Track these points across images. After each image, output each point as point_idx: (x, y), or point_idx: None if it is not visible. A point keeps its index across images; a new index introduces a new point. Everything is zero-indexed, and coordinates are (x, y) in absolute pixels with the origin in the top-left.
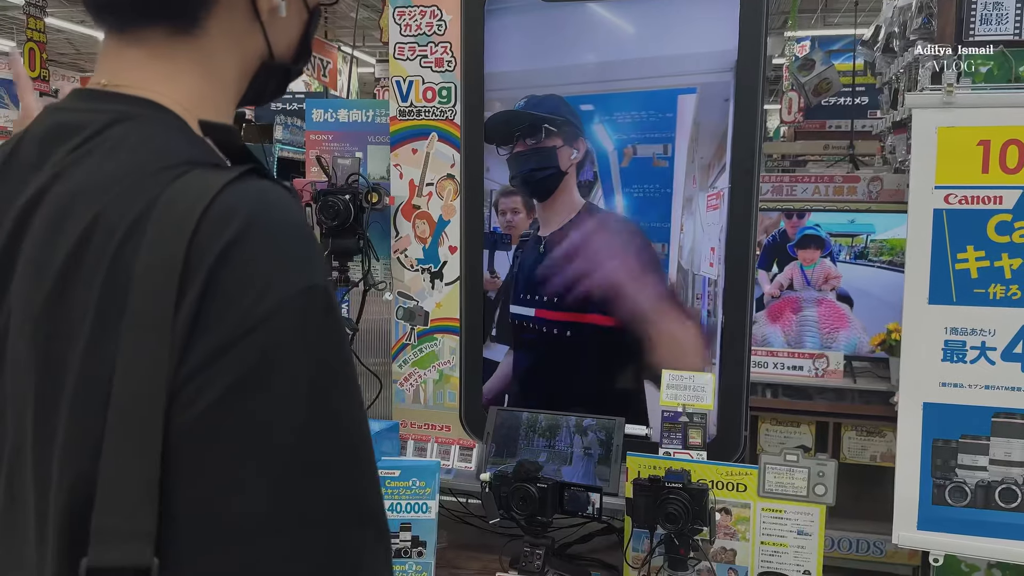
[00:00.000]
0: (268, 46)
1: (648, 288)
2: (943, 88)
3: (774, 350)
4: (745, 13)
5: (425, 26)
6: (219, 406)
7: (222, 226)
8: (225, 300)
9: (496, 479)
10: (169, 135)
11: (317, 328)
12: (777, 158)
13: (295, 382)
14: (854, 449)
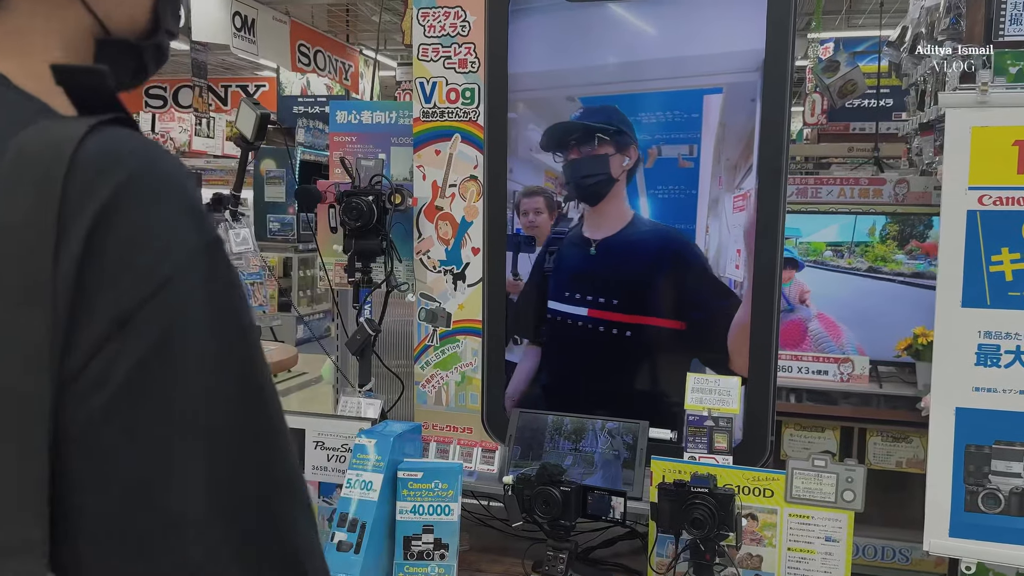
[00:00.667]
0: (97, 19)
1: (706, 297)
2: (977, 87)
3: (798, 354)
4: (773, 12)
5: (449, 27)
6: (128, 387)
7: (98, 178)
8: (115, 264)
9: (519, 482)
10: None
11: (224, 287)
12: (800, 160)
13: (211, 350)
14: (879, 455)
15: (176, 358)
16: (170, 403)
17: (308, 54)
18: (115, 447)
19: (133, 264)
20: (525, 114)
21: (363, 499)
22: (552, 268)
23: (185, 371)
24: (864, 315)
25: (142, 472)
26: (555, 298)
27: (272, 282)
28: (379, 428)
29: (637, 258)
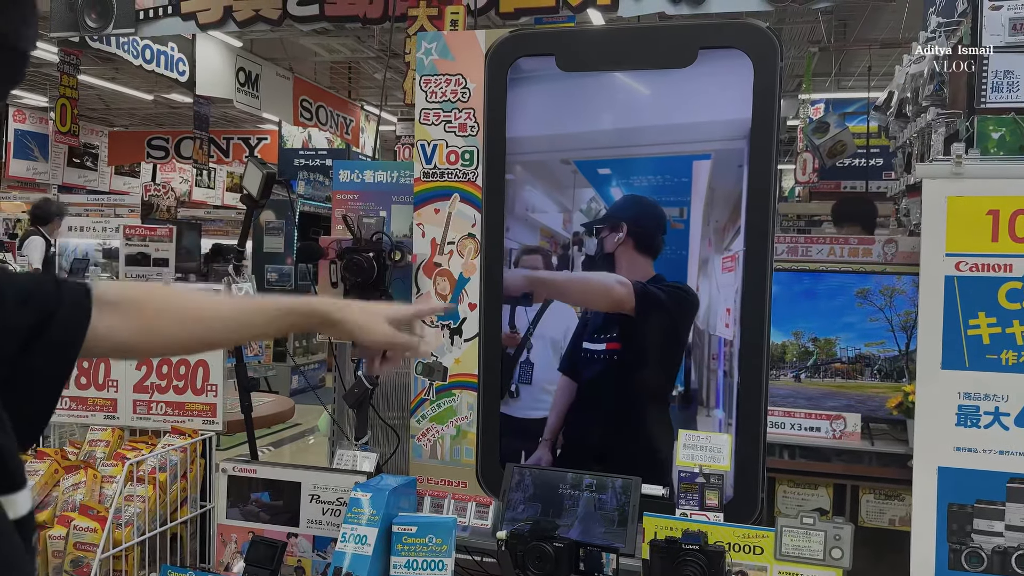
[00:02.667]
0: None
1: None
2: (952, 159)
3: (791, 410)
4: (759, 82)
5: (450, 93)
6: None
7: None
8: None
9: (512, 537)
10: None
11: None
12: (792, 218)
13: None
14: (872, 512)
15: None
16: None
17: (310, 109)
18: None
19: None
20: (522, 176)
21: (357, 553)
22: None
23: None
24: None
25: None
26: (589, 340)
27: None
28: (374, 482)
29: (660, 309)
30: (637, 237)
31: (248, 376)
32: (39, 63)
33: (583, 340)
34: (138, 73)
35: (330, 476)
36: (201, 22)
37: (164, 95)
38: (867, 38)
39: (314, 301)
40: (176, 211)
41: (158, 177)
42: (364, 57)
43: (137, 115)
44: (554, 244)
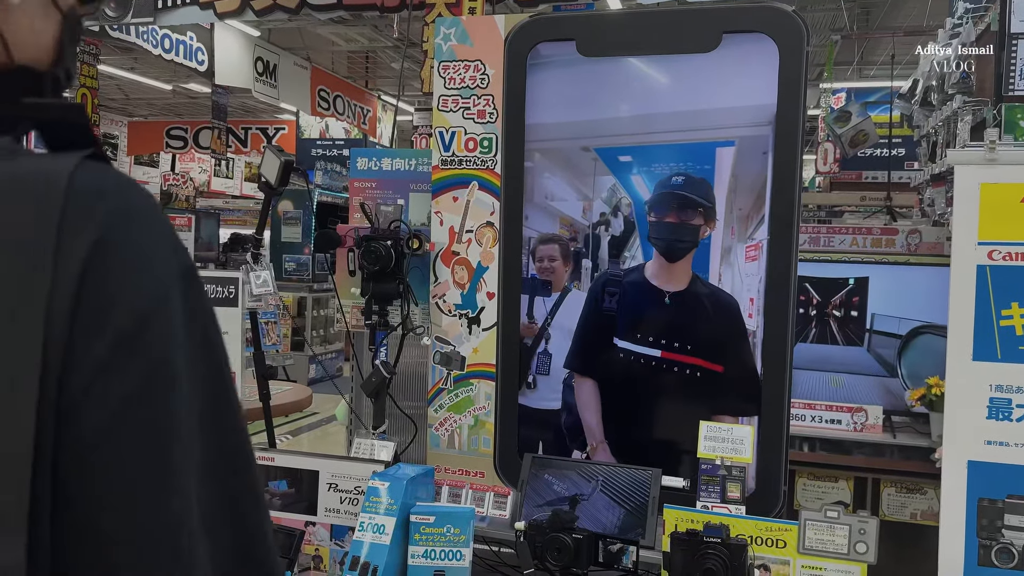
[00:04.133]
0: (4, 44)
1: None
2: (985, 145)
3: (811, 403)
4: (784, 67)
5: (469, 80)
6: (128, 408)
7: (89, 212)
8: (109, 293)
9: (531, 528)
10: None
11: (202, 310)
12: (813, 208)
13: (197, 371)
14: (893, 506)
15: (164, 382)
16: (162, 423)
17: (328, 99)
18: (114, 464)
19: (126, 292)
20: (541, 163)
21: (375, 543)
22: (614, 309)
23: (172, 393)
24: None
25: (138, 484)
26: (624, 337)
27: (286, 321)
28: (392, 471)
29: (708, 313)
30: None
31: (266, 364)
32: None
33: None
34: (157, 63)
35: (348, 465)
36: (219, 11)
37: (183, 85)
38: (891, 26)
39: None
40: (195, 201)
41: (177, 167)
42: (382, 46)
43: (156, 105)
44: (572, 232)
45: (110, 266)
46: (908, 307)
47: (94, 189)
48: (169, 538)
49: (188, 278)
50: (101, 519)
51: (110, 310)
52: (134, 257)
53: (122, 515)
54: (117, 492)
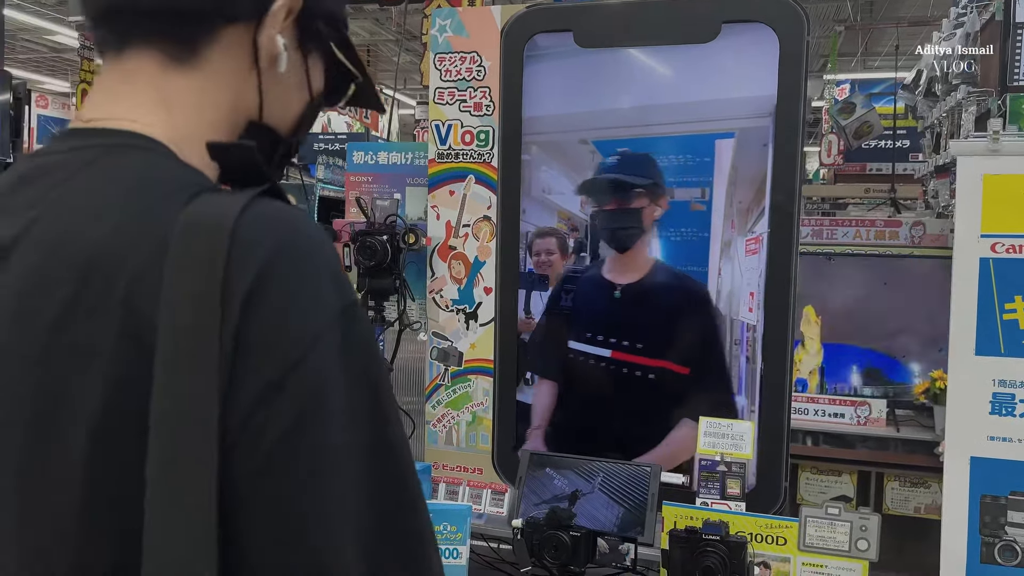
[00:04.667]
0: (260, 102)
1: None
2: (988, 135)
3: (814, 396)
4: (785, 58)
5: (465, 71)
6: (284, 444)
7: (250, 253)
8: (267, 332)
9: (528, 526)
10: (162, 164)
11: (360, 345)
12: (817, 200)
13: (354, 406)
14: (897, 500)
15: (321, 417)
16: (318, 458)
17: None
18: (271, 499)
19: (284, 330)
20: (539, 156)
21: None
22: (570, 307)
23: (329, 429)
24: None
25: (295, 519)
26: (576, 338)
27: None
28: None
29: (661, 307)
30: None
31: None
32: (61, 48)
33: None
34: None
35: None
36: None
37: None
38: (894, 16)
39: None
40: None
41: None
42: (383, 40)
43: None
44: (571, 226)
45: (268, 304)
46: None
47: (259, 228)
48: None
49: (348, 315)
50: (252, 555)
51: (267, 348)
52: (290, 294)
53: (273, 550)
54: (268, 528)
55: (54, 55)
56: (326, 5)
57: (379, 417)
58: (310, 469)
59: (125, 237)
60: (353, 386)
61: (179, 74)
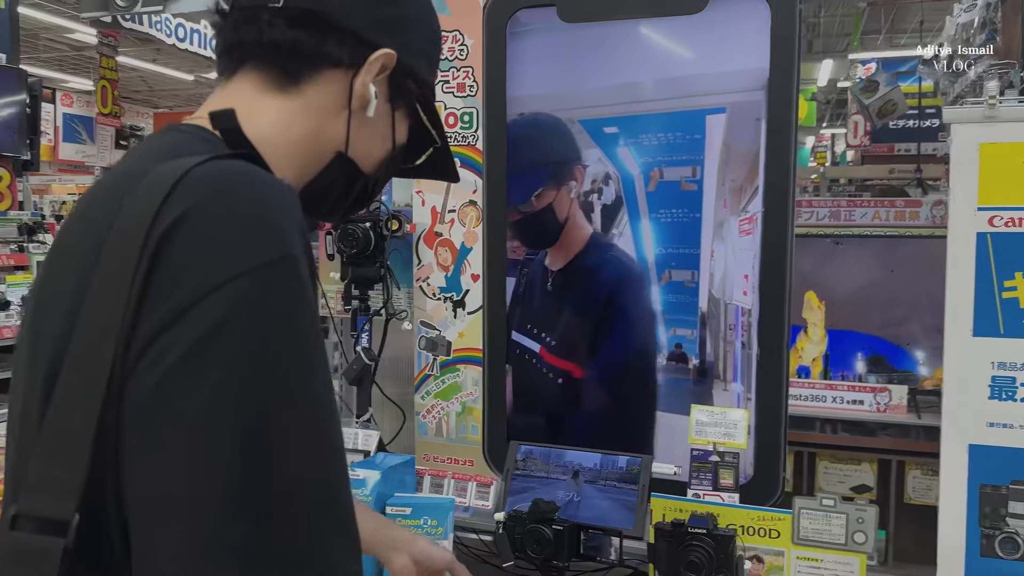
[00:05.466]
0: (347, 138)
1: (640, 335)
2: (984, 101)
3: (833, 383)
4: (777, 27)
5: (447, 51)
6: (177, 369)
7: (185, 194)
8: (182, 263)
9: (510, 519)
10: (190, 143)
11: (283, 301)
12: (844, 182)
13: (257, 351)
14: (919, 489)
15: (220, 353)
16: (211, 393)
17: None
18: (160, 425)
19: (195, 264)
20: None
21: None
22: (522, 295)
23: (228, 367)
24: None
25: (179, 451)
26: (518, 329)
27: None
28: (371, 461)
29: (584, 295)
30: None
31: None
32: (82, 46)
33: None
34: (178, 54)
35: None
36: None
37: (204, 75)
38: None
39: (404, 530)
40: None
41: None
42: None
43: (180, 96)
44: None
45: (185, 238)
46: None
47: (201, 176)
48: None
49: (277, 267)
50: (134, 480)
51: (176, 278)
52: (209, 234)
53: (151, 479)
54: (141, 472)
55: (76, 53)
56: (418, 68)
57: (289, 376)
58: (199, 404)
59: (114, 183)
60: (264, 337)
61: (272, 96)
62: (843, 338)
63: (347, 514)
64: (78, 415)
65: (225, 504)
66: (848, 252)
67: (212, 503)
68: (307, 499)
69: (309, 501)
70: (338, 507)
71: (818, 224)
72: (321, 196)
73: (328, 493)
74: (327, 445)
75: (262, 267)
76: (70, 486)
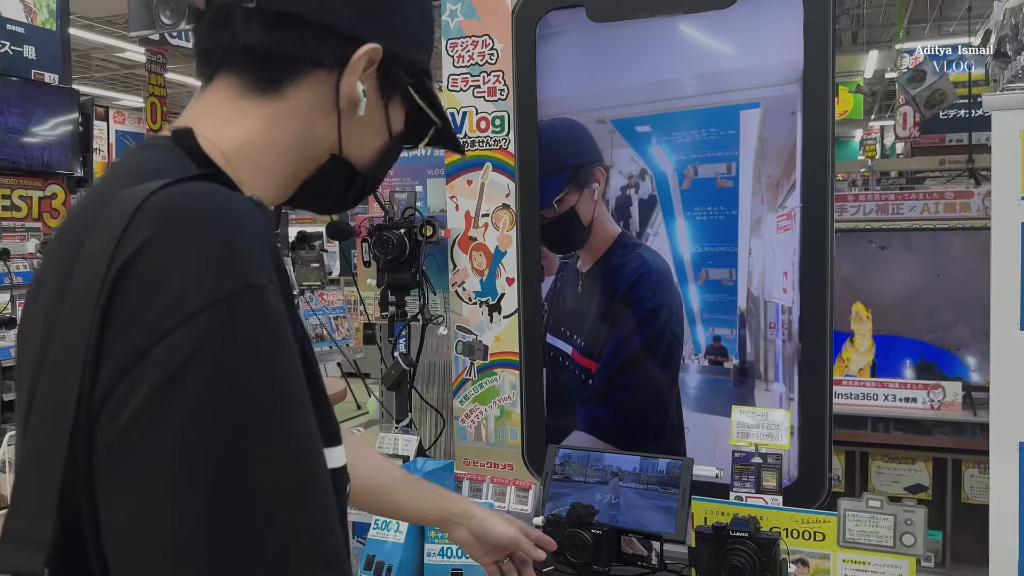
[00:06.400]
0: (339, 139)
1: (670, 333)
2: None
3: (884, 380)
4: (809, 19)
5: (477, 56)
6: (140, 416)
7: (144, 222)
8: (139, 300)
9: (549, 524)
10: (159, 160)
11: (248, 333)
12: (894, 175)
13: (221, 389)
14: (976, 488)
15: (184, 395)
16: (176, 439)
17: None
18: (128, 475)
19: (153, 301)
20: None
21: (390, 541)
22: (555, 298)
23: (192, 412)
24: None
25: (142, 498)
26: (551, 331)
27: (356, 315)
28: (410, 466)
29: (610, 294)
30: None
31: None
32: (132, 64)
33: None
34: None
35: (403, 470)
36: None
37: None
38: None
39: (464, 502)
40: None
41: None
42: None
43: None
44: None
45: (142, 274)
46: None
47: (160, 204)
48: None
49: (242, 297)
50: (106, 526)
51: (135, 316)
52: (166, 268)
53: (122, 525)
54: (117, 502)
55: (127, 72)
56: (407, 56)
57: (259, 414)
58: (162, 448)
59: (83, 211)
60: (230, 377)
61: (253, 102)
62: (890, 344)
63: (331, 553)
64: (44, 468)
65: (201, 554)
66: (893, 256)
67: (187, 554)
68: (288, 540)
69: (290, 543)
70: (320, 547)
71: (865, 219)
72: (320, 196)
73: (309, 533)
74: (306, 480)
75: (224, 299)
76: (38, 541)
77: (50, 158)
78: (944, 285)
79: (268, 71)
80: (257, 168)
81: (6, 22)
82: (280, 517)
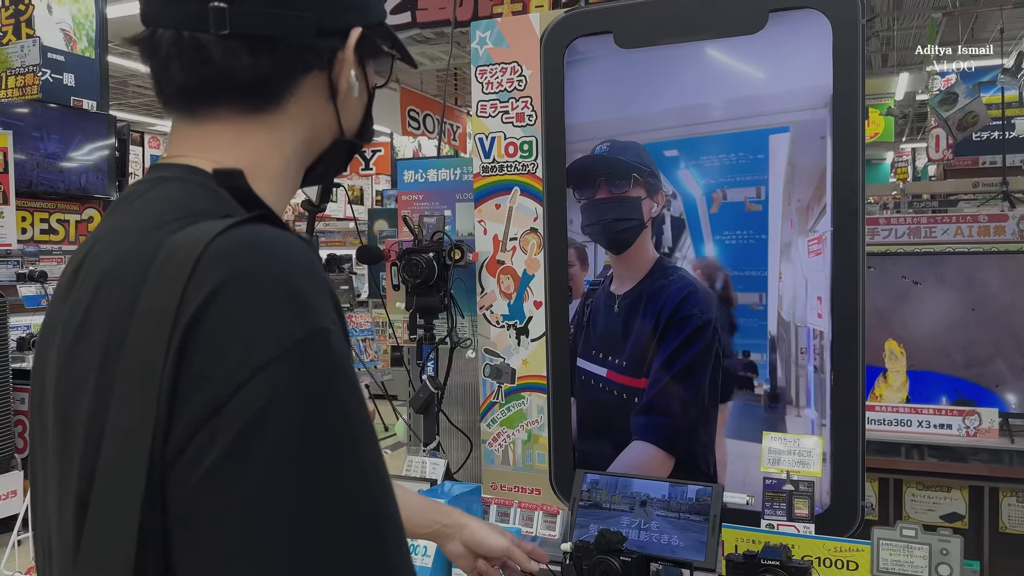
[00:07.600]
0: (339, 125)
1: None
2: None
3: (918, 407)
4: (839, 45)
5: (506, 82)
6: (220, 468)
7: (210, 273)
8: (211, 352)
9: (577, 550)
10: (190, 192)
11: (320, 379)
12: (926, 198)
13: (300, 436)
14: (1015, 518)
15: (262, 446)
16: (254, 488)
17: (418, 118)
18: (204, 525)
19: (227, 353)
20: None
21: (417, 565)
22: (586, 322)
23: (271, 459)
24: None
25: (225, 550)
26: (583, 355)
27: (384, 337)
28: (437, 489)
29: (652, 316)
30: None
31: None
32: None
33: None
34: None
35: (397, 483)
36: None
37: None
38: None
39: (456, 513)
40: (294, 224)
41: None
42: (466, 63)
43: None
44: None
45: (213, 326)
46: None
47: (224, 252)
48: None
49: (310, 344)
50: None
51: (209, 369)
52: (237, 319)
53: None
54: (197, 554)
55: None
56: (377, 19)
57: (334, 457)
58: (242, 501)
59: (129, 256)
60: (307, 419)
61: (256, 122)
62: (924, 380)
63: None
64: (119, 527)
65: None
66: (926, 290)
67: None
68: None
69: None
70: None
71: (897, 242)
72: (322, 174)
73: (387, 571)
74: (384, 520)
75: (295, 347)
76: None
77: (87, 182)
78: (980, 320)
79: (265, 93)
80: (272, 180)
81: (48, 50)
82: (361, 559)
